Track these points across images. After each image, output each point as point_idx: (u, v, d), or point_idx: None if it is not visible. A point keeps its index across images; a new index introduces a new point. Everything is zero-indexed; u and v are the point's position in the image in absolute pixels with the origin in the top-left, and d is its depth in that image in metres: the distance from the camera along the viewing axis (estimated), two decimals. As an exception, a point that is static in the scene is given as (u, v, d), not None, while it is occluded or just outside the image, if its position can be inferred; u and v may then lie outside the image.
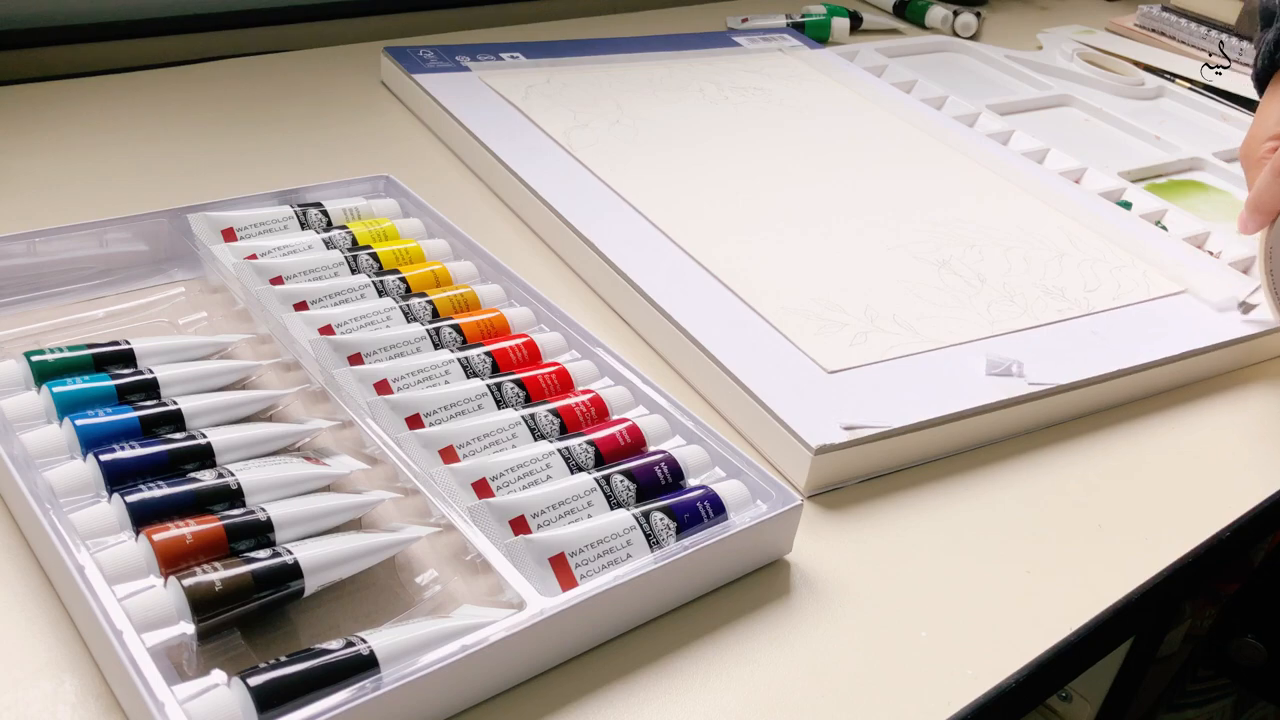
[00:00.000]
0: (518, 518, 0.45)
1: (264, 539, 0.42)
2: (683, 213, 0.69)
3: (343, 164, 0.74)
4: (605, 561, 0.44)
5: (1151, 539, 0.53)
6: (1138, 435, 0.60)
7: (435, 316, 0.56)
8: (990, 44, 1.10)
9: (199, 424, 0.47)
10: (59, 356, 0.48)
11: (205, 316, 0.56)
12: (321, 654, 0.38)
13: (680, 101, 0.85)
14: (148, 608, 0.38)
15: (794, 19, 1.04)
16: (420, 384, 0.51)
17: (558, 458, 0.48)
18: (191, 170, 0.71)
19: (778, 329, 0.59)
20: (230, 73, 0.85)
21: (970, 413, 0.55)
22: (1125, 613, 0.49)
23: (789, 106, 0.87)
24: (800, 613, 0.46)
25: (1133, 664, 0.74)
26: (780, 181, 0.75)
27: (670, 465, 0.49)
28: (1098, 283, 0.68)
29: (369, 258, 0.60)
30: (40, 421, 0.46)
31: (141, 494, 0.42)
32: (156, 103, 0.79)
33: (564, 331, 0.57)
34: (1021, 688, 0.45)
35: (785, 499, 0.47)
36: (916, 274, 0.66)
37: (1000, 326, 0.62)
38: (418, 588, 0.44)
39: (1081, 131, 0.96)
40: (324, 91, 0.84)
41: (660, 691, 0.42)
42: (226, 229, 0.60)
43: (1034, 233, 0.73)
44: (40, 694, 0.39)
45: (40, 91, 0.78)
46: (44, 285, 0.56)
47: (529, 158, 0.73)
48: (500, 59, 0.87)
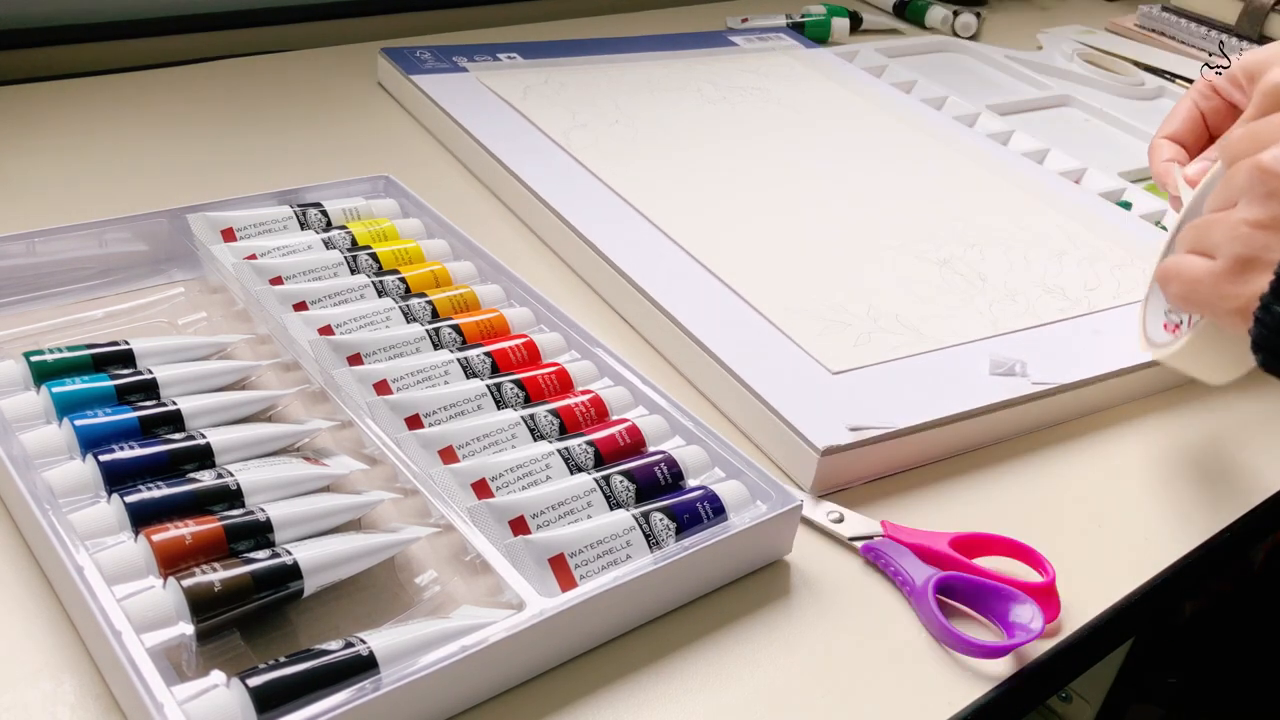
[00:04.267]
0: (517, 518, 0.45)
1: (263, 539, 0.42)
2: (682, 213, 0.69)
3: (341, 164, 0.73)
4: (605, 562, 0.44)
5: (1151, 539, 0.53)
6: (1139, 434, 0.60)
7: (435, 317, 0.56)
8: (990, 44, 1.10)
9: (198, 424, 0.47)
10: (58, 357, 0.48)
11: (205, 317, 0.56)
12: (321, 654, 0.37)
13: (679, 102, 0.85)
14: (147, 608, 0.38)
15: (794, 19, 1.04)
16: (420, 384, 0.51)
17: (557, 458, 0.48)
18: (191, 170, 0.71)
19: (781, 329, 0.59)
20: (229, 73, 0.85)
21: (974, 413, 0.55)
22: (1125, 613, 0.49)
23: (788, 106, 0.87)
24: (800, 613, 0.46)
25: (1133, 664, 0.74)
26: (780, 181, 0.75)
27: (670, 466, 0.49)
28: (1098, 281, 0.68)
29: (369, 258, 0.59)
30: (39, 422, 0.46)
31: (141, 494, 0.42)
32: (156, 103, 0.79)
33: (563, 332, 0.57)
34: (1021, 688, 0.45)
35: (785, 499, 0.47)
36: (918, 273, 0.66)
37: (1002, 326, 0.62)
38: (417, 588, 0.43)
39: (1081, 131, 0.96)
40: (322, 92, 0.84)
41: (660, 691, 0.42)
42: (226, 229, 0.60)
43: (1034, 232, 0.73)
44: (40, 694, 0.39)
45: (40, 91, 0.78)
46: (43, 285, 0.56)
47: (528, 158, 0.73)
48: (498, 59, 0.87)
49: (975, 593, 0.47)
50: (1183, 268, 0.49)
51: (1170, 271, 0.50)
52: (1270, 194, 0.45)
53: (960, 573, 0.47)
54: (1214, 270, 0.47)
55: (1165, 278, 0.51)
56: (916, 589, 0.47)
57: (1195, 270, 0.49)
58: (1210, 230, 0.48)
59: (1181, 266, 0.50)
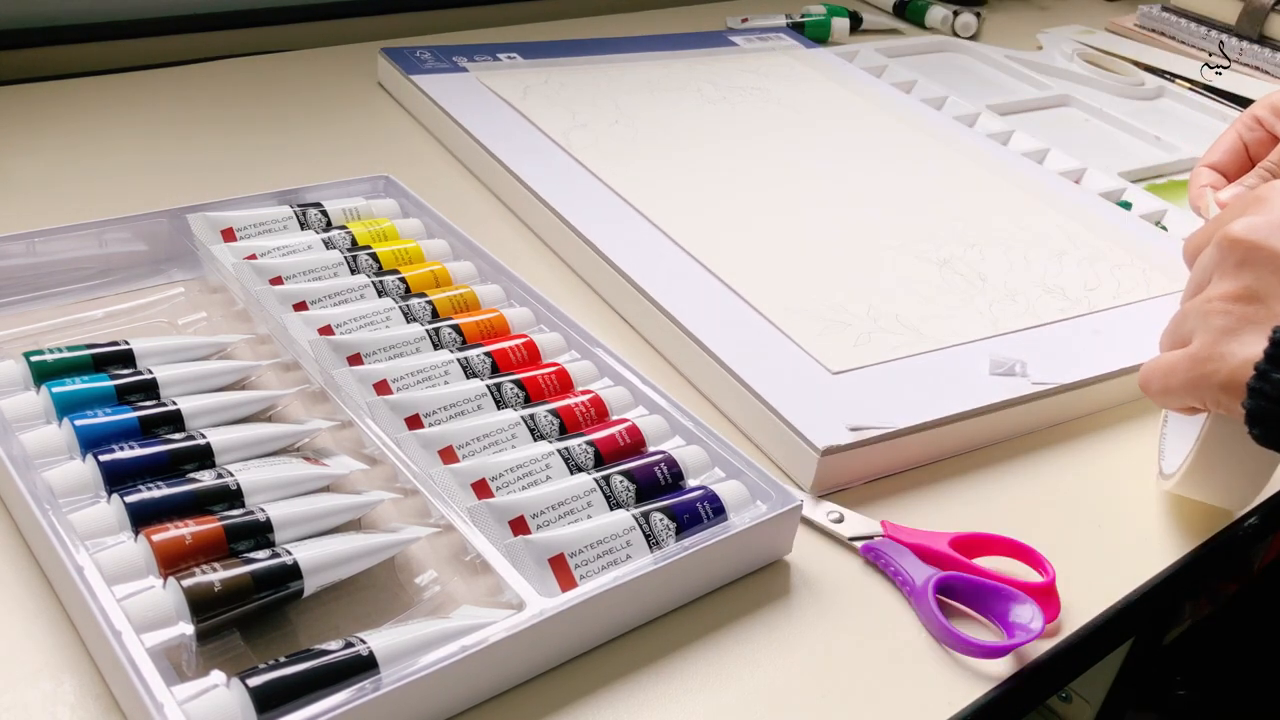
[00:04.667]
0: (517, 518, 0.45)
1: (263, 539, 0.42)
2: (682, 213, 0.69)
3: (341, 164, 0.73)
4: (605, 562, 0.44)
5: (1151, 539, 0.53)
6: (1139, 434, 0.60)
7: (435, 317, 0.56)
8: (990, 44, 1.10)
9: (198, 424, 0.47)
10: (58, 357, 0.48)
11: (205, 317, 0.56)
12: (321, 655, 0.37)
13: (679, 102, 0.85)
14: (147, 608, 0.38)
15: (794, 19, 1.04)
16: (420, 384, 0.51)
17: (557, 458, 0.48)
18: (191, 170, 0.71)
19: (781, 329, 0.59)
20: (229, 73, 0.85)
21: (974, 413, 0.55)
22: (1125, 613, 0.49)
23: (788, 106, 0.87)
24: (800, 613, 0.46)
25: (1132, 664, 0.74)
26: (780, 181, 0.75)
27: (670, 466, 0.49)
28: (1098, 281, 0.68)
29: (368, 258, 0.59)
30: (39, 422, 0.46)
31: (141, 494, 0.42)
32: (156, 103, 0.79)
33: (563, 332, 0.57)
34: (1021, 688, 0.45)
35: (785, 499, 0.47)
36: (918, 273, 0.66)
37: (1002, 326, 0.62)
38: (417, 588, 0.43)
39: (1081, 131, 0.96)
40: (322, 92, 0.84)
41: (660, 691, 0.42)
42: (226, 229, 0.60)
43: (1034, 232, 0.73)
44: (40, 694, 0.39)
45: (40, 91, 0.78)
46: (43, 285, 0.56)
47: (528, 158, 0.73)
48: (498, 59, 0.87)
49: (975, 593, 0.47)
50: (1159, 362, 0.47)
51: (1148, 372, 0.48)
52: (1241, 263, 0.44)
53: (960, 573, 0.47)
54: (1191, 353, 0.45)
55: (1146, 380, 0.49)
56: (916, 589, 0.47)
57: (1171, 359, 0.46)
58: (1184, 320, 0.47)
59: (1158, 362, 0.48)
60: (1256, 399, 0.42)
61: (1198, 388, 0.45)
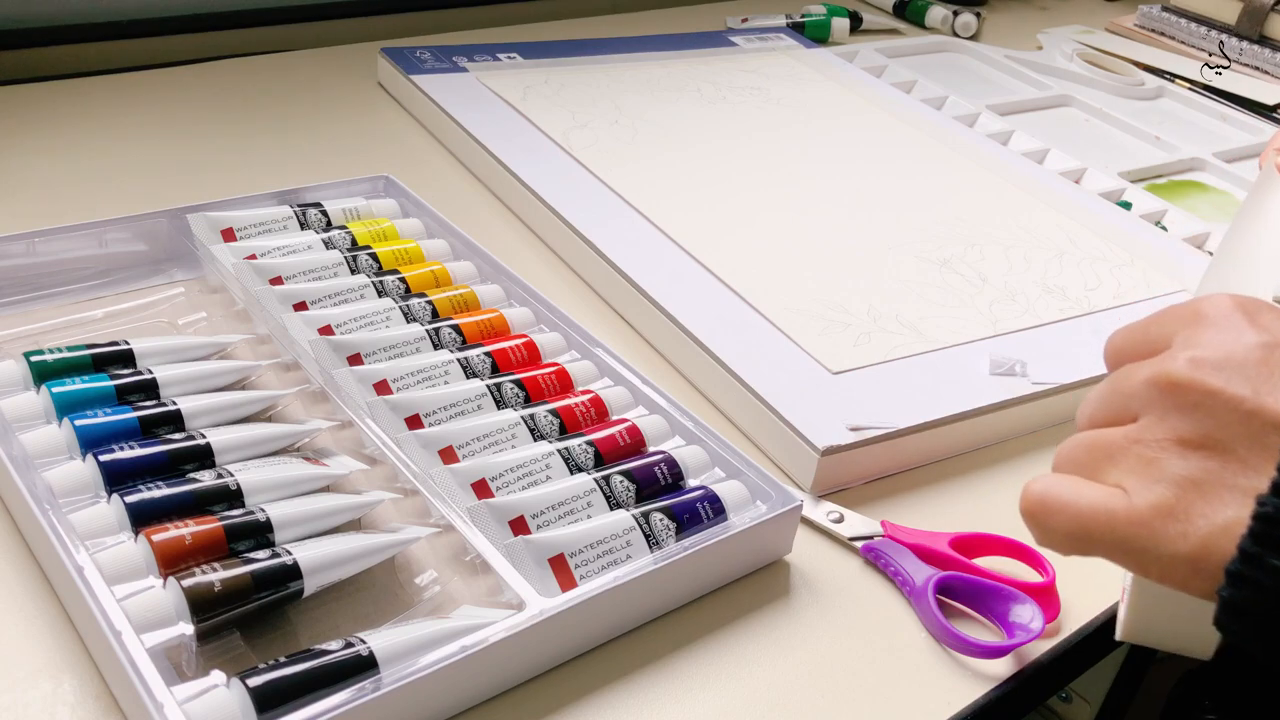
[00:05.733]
0: (517, 518, 0.45)
1: (263, 539, 0.42)
2: (682, 213, 0.69)
3: (341, 164, 0.73)
4: (605, 562, 0.44)
5: (1152, 539, 0.53)
6: (1138, 435, 0.60)
7: (435, 317, 0.56)
8: (990, 44, 1.10)
9: (198, 424, 0.47)
10: (58, 357, 0.48)
11: (205, 317, 0.56)
12: (321, 655, 0.37)
13: (679, 102, 0.85)
14: (147, 608, 0.38)
15: (794, 19, 1.04)
16: (420, 384, 0.51)
17: (557, 458, 0.48)
18: (191, 170, 0.71)
19: (781, 329, 0.59)
20: (229, 73, 0.85)
21: (974, 413, 0.55)
22: (1126, 613, 0.49)
23: (788, 106, 0.87)
24: (800, 613, 0.46)
25: (1132, 664, 0.74)
26: (780, 181, 0.75)
27: (670, 466, 0.49)
28: (1098, 281, 0.68)
29: (368, 258, 0.59)
30: (39, 422, 0.46)
31: (141, 494, 0.42)
32: (156, 103, 0.79)
33: (564, 332, 0.57)
34: (1021, 688, 0.45)
35: (785, 499, 0.47)
36: (918, 273, 0.66)
37: (1002, 326, 0.62)
38: (417, 588, 0.43)
39: (1081, 131, 0.96)
40: (322, 92, 0.84)
41: (660, 691, 0.42)
42: (226, 229, 0.60)
43: (1034, 232, 0.73)
44: (40, 694, 0.39)
45: (40, 91, 0.78)
46: (43, 285, 0.56)
47: (528, 158, 0.73)
48: (498, 59, 0.87)
49: (975, 593, 0.47)
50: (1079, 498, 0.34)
51: (1051, 503, 0.34)
52: (1194, 406, 0.33)
53: (960, 573, 0.47)
54: (1136, 508, 0.33)
55: (1043, 511, 0.35)
56: (916, 589, 0.47)
57: (1100, 495, 0.34)
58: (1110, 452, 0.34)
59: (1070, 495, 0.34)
60: (1238, 590, 0.31)
61: (1137, 550, 0.33)
